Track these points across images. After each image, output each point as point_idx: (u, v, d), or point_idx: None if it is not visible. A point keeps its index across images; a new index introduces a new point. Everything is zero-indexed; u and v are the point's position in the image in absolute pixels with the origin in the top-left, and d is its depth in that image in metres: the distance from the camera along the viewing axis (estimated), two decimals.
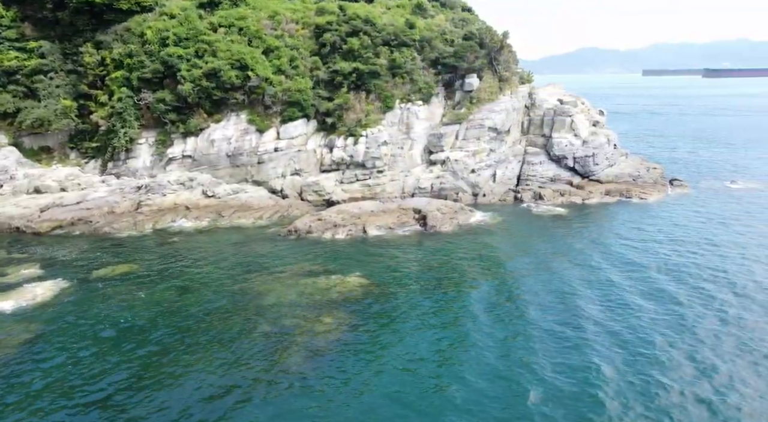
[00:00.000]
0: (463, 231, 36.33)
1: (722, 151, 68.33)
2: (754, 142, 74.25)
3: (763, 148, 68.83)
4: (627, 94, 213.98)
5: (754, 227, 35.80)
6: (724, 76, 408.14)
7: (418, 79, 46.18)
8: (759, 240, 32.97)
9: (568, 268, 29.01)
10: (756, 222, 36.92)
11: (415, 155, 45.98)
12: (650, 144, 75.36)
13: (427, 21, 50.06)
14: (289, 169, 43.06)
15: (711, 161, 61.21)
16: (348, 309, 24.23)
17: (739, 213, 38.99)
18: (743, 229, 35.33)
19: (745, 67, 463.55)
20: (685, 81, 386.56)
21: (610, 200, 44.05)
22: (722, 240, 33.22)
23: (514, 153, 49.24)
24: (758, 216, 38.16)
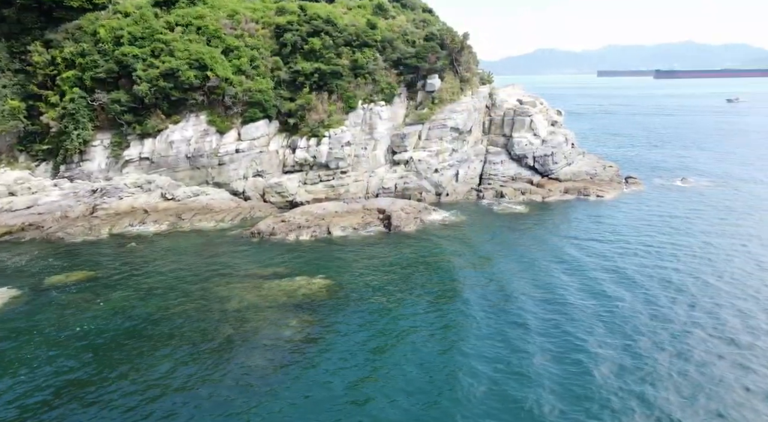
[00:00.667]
0: (427, 230, 36.59)
1: (673, 149, 71.08)
2: (702, 141, 77.54)
3: (710, 147, 71.95)
4: (583, 95, 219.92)
5: (703, 225, 37.33)
6: (674, 77, 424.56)
7: (380, 80, 46.27)
8: (705, 238, 34.39)
9: (529, 267, 29.58)
10: (703, 219, 38.47)
11: (379, 155, 46.05)
12: (606, 143, 77.68)
13: (389, 22, 50.22)
14: (251, 171, 42.44)
15: (663, 159, 63.55)
16: (313, 311, 24.07)
17: (689, 211, 40.51)
18: (693, 227, 36.81)
19: (693, 68, 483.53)
20: (638, 81, 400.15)
21: (568, 198, 45.19)
22: (673, 237, 34.52)
23: (476, 152, 49.94)
24: (706, 214, 39.76)
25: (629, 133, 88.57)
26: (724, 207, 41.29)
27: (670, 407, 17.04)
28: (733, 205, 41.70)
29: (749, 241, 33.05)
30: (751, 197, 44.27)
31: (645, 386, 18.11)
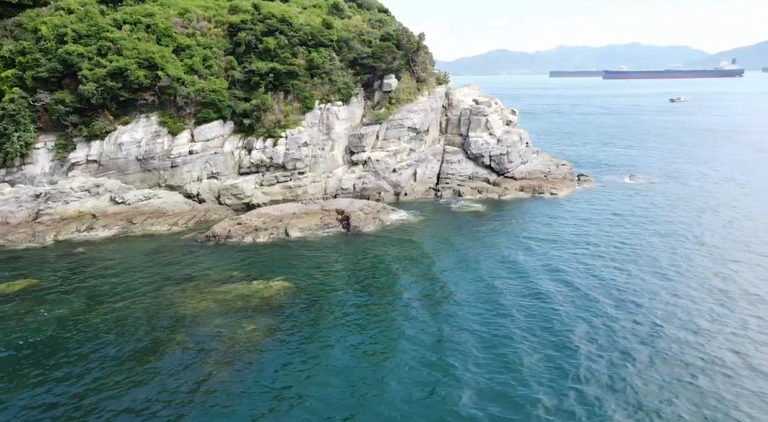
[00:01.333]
0: (386, 230, 36.63)
1: (621, 147, 73.63)
2: (648, 140, 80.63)
3: (655, 145, 74.89)
4: (536, 95, 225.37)
5: (650, 220, 38.80)
6: (622, 78, 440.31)
7: (337, 80, 46.00)
8: (651, 233, 35.76)
9: (486, 265, 29.94)
10: (650, 215, 39.99)
11: (337, 156, 45.80)
12: (559, 142, 79.79)
13: (344, 21, 50.02)
14: (206, 173, 41.43)
15: (612, 157, 65.73)
16: (270, 316, 23.67)
17: (637, 208, 41.97)
18: (641, 222, 38.20)
19: (639, 69, 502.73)
20: (588, 82, 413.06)
21: (524, 196, 46.13)
22: (623, 233, 35.71)
23: (433, 152, 50.37)
24: (653, 210, 41.36)
25: (581, 132, 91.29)
26: (670, 203, 42.97)
27: (609, 404, 17.60)
28: (678, 201, 43.48)
29: (692, 235, 34.53)
30: (694, 193, 46.26)
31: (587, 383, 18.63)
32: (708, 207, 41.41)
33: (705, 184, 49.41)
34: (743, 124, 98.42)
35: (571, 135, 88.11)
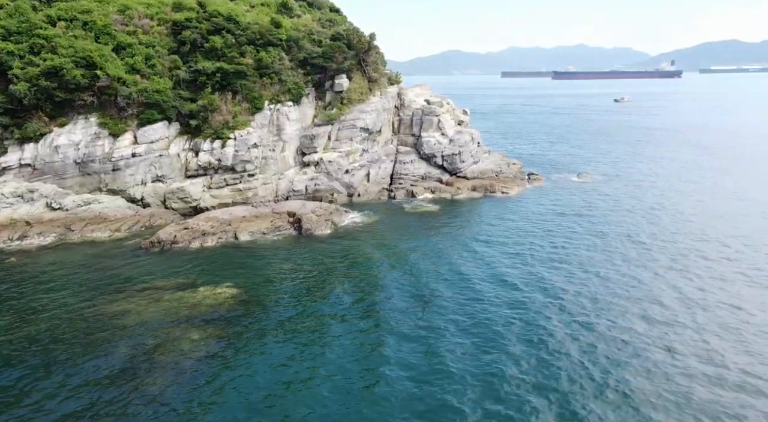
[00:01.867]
0: (339, 232, 36.22)
1: (570, 146, 75.66)
2: (596, 139, 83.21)
3: (602, 144, 77.34)
4: (489, 95, 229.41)
5: (596, 216, 39.91)
6: (570, 78, 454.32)
7: (287, 80, 45.19)
8: (597, 229, 36.78)
9: (438, 267, 30.00)
10: (597, 212, 41.17)
11: (288, 157, 45.02)
12: (510, 141, 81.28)
13: (294, 21, 49.25)
14: (150, 176, 39.87)
15: (561, 156, 67.42)
16: (218, 323, 22.89)
17: (584, 205, 43.15)
18: (588, 219, 39.23)
19: (586, 70, 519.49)
20: (538, 82, 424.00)
21: (476, 195, 46.62)
22: (570, 230, 36.58)
23: (386, 152, 50.24)
24: (599, 207, 42.57)
25: (531, 132, 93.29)
26: (615, 201, 44.27)
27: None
28: (622, 199, 44.88)
29: (635, 230, 35.68)
30: (637, 191, 47.89)
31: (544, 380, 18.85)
32: (650, 205, 42.89)
33: (648, 182, 51.23)
34: (682, 123, 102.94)
35: (522, 134, 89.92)
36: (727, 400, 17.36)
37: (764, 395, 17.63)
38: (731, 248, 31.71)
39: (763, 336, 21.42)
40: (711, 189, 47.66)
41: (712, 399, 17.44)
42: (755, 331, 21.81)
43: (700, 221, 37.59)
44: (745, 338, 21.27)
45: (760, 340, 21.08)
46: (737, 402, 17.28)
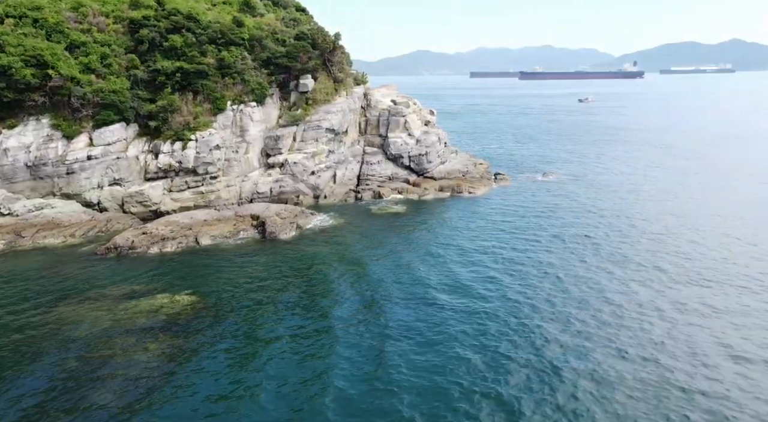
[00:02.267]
0: (304, 235, 35.62)
1: (536, 146, 76.59)
2: (560, 138, 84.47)
3: (567, 144, 78.52)
4: (457, 95, 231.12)
5: (561, 215, 40.31)
6: (536, 79, 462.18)
7: (250, 80, 44.28)
8: (558, 229, 37.13)
9: (404, 270, 29.69)
10: (562, 210, 41.59)
11: (252, 159, 44.12)
12: (478, 141, 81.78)
13: (257, 20, 48.32)
14: (107, 179, 38.47)
15: (528, 155, 68.14)
16: (175, 333, 22.08)
17: (550, 205, 43.57)
18: (553, 217, 39.58)
19: (552, 70, 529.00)
20: (506, 82, 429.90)
21: (443, 195, 46.59)
22: (536, 229, 36.82)
23: (353, 153, 49.80)
24: (562, 207, 42.98)
25: (499, 132, 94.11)
26: (578, 200, 44.83)
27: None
28: (586, 199, 45.49)
29: (596, 231, 36.14)
30: (600, 191, 48.64)
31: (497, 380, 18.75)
32: (611, 205, 43.55)
33: (610, 182, 52.10)
34: (644, 123, 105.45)
35: (489, 134, 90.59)
36: (670, 400, 17.54)
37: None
38: (689, 250, 32.36)
39: (712, 338, 21.81)
40: (671, 189, 48.72)
41: (653, 395, 17.60)
42: (705, 335, 22.19)
43: (658, 221, 38.31)
44: (694, 341, 21.61)
45: (709, 342, 21.45)
46: (682, 400, 17.48)
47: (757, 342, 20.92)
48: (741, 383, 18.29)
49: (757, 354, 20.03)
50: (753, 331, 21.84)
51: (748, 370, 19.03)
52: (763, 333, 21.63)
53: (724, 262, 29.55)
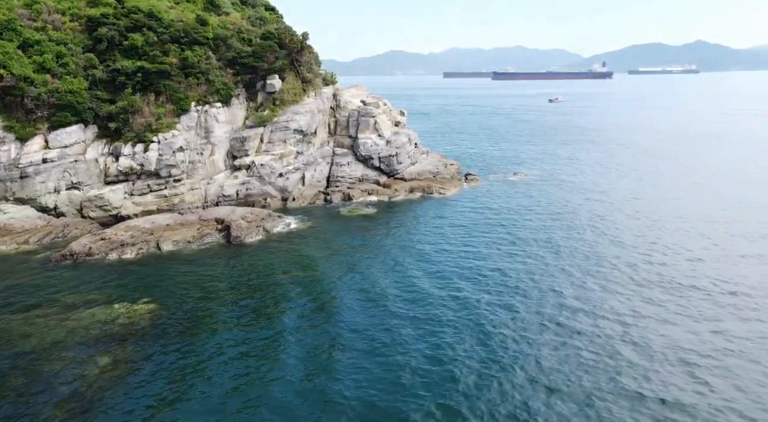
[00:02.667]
0: (271, 239, 34.84)
1: (508, 146, 76.95)
2: (531, 138, 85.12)
3: (537, 144, 79.12)
4: (431, 95, 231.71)
5: (529, 215, 40.37)
6: (509, 79, 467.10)
7: (215, 80, 43.21)
8: (526, 231, 37.16)
9: (374, 272, 29.27)
10: (529, 211, 41.65)
11: (218, 161, 43.08)
12: (451, 141, 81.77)
13: (222, 18, 47.21)
14: (65, 183, 37.03)
15: (499, 155, 68.36)
16: (131, 344, 21.17)
17: (518, 205, 43.64)
18: (521, 217, 39.60)
19: (524, 71, 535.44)
20: (479, 82, 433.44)
21: (413, 197, 46.28)
22: (503, 228, 36.76)
23: (322, 154, 49.12)
24: (531, 207, 43.08)
25: (471, 132, 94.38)
26: (546, 201, 44.99)
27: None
28: (554, 199, 45.72)
29: (563, 229, 36.27)
30: (567, 190, 48.98)
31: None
32: (577, 206, 43.83)
33: (579, 181, 52.52)
34: (613, 123, 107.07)
35: (462, 135, 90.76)
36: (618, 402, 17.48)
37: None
38: (652, 253, 32.66)
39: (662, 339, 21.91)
40: (637, 190, 49.35)
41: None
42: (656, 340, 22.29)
43: (622, 223, 38.67)
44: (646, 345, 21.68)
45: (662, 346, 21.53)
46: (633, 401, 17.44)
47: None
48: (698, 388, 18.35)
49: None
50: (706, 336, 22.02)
51: (697, 372, 19.11)
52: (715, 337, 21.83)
53: (690, 264, 29.85)
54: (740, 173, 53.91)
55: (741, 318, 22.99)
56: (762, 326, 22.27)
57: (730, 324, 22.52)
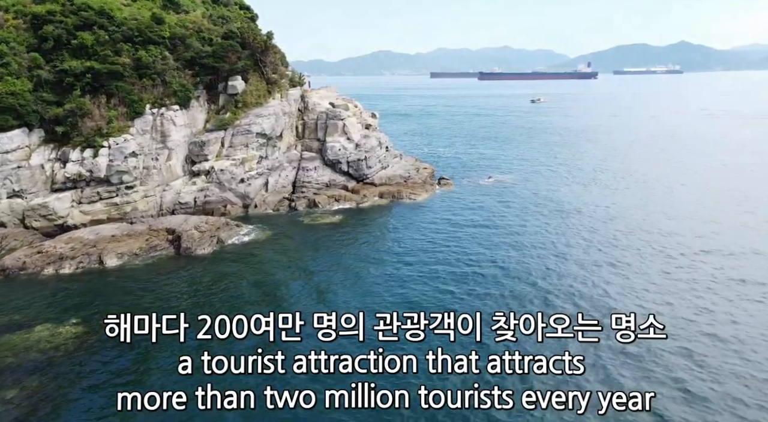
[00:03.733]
0: (225, 251, 32.93)
1: (486, 148, 75.48)
2: (509, 141, 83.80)
3: (515, 145, 77.82)
4: (415, 95, 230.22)
5: (496, 223, 38.81)
6: (495, 79, 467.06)
7: (171, 81, 41.12)
8: (495, 238, 35.61)
9: (333, 286, 27.47)
10: (498, 217, 40.08)
11: (175, 166, 41.01)
12: (428, 143, 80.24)
13: (181, 17, 45.13)
14: (5, 191, 34.75)
15: (476, 158, 66.82)
16: (48, 374, 19.19)
17: (489, 210, 42.12)
18: (491, 224, 38.04)
19: (510, 71, 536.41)
20: (465, 82, 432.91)
21: (382, 202, 44.56)
22: (468, 238, 35.16)
23: (289, 159, 47.25)
24: (503, 212, 41.57)
25: (450, 134, 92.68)
26: (519, 206, 43.43)
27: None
28: (526, 202, 44.25)
29: (533, 236, 34.77)
30: (541, 194, 47.54)
31: None
32: (554, 209, 42.40)
33: (555, 185, 51.15)
34: (594, 124, 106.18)
35: (440, 136, 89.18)
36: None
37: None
38: (622, 259, 31.26)
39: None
40: (613, 193, 48.10)
41: None
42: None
43: (596, 227, 37.28)
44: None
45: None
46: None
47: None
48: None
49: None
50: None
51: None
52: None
53: (660, 276, 28.46)
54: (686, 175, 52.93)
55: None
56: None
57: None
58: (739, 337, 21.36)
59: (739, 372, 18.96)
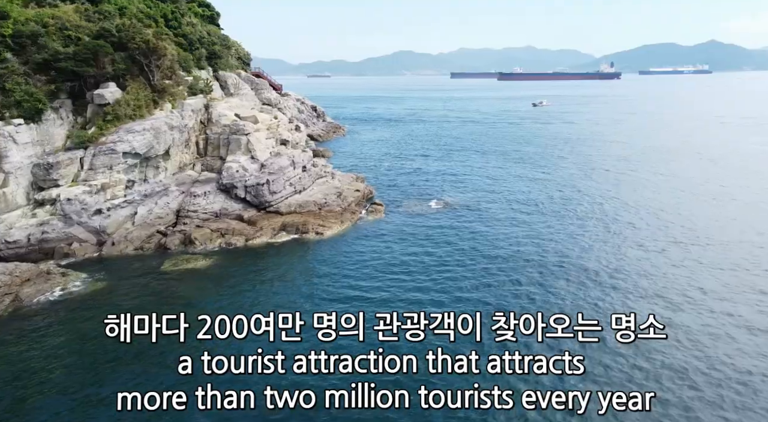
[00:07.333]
0: (19, 314, 25.09)
1: (456, 161, 66.27)
2: (488, 152, 74.53)
3: (488, 160, 68.55)
4: (422, 97, 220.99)
5: (413, 277, 30.14)
6: (514, 79, 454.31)
7: (13, 89, 33.56)
8: (410, 293, 26.94)
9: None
10: (420, 267, 31.42)
11: (15, 194, 33.37)
12: (397, 154, 71.51)
13: (40, 11, 37.53)
14: None
15: (436, 174, 57.69)
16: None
17: (411, 254, 33.47)
18: (404, 278, 29.42)
19: (531, 71, 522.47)
20: (485, 83, 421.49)
21: (279, 239, 36.23)
22: (364, 300, 26.60)
23: (178, 182, 39.39)
24: (428, 258, 32.85)
25: (427, 144, 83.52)
26: (454, 245, 34.64)
27: None
28: (467, 239, 35.43)
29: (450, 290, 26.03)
30: (492, 228, 38.58)
31: None
32: (491, 255, 33.50)
33: (512, 215, 42.09)
34: (588, 134, 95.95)
35: (413, 146, 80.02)
36: None
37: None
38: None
39: None
40: (581, 226, 38.92)
41: None
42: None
43: (545, 277, 28.32)
44: None
45: None
46: None
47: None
48: None
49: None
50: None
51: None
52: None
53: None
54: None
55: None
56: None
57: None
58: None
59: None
